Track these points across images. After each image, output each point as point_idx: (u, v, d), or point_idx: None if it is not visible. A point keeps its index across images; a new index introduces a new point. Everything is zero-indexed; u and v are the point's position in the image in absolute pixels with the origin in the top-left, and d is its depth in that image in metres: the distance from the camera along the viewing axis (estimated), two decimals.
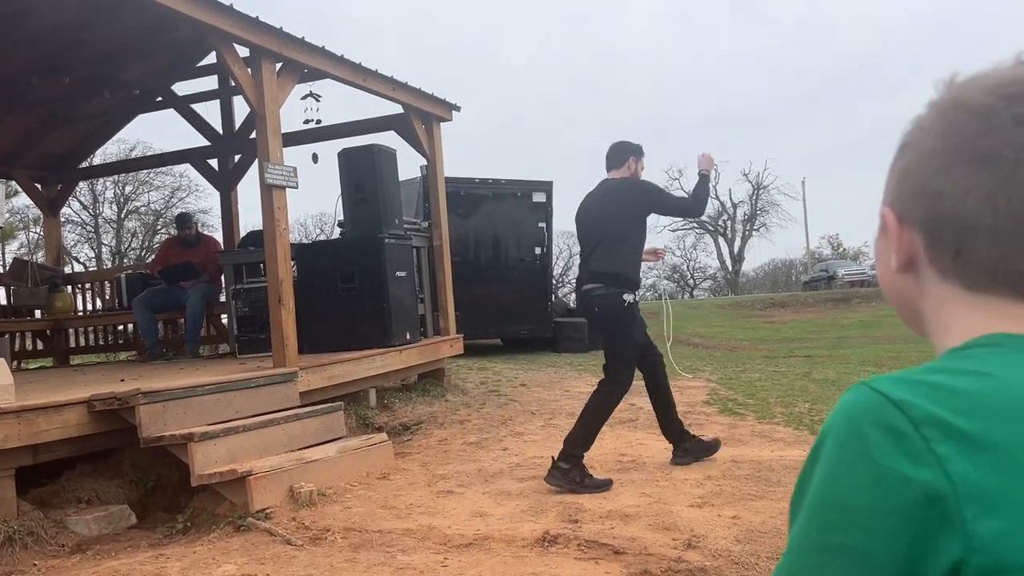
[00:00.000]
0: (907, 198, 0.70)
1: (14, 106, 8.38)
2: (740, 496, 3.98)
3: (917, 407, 0.59)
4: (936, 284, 0.69)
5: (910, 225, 0.70)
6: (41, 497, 4.11)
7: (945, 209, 0.66)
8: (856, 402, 0.62)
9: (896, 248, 0.71)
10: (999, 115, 0.65)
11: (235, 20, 5.24)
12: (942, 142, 0.67)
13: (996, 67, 0.68)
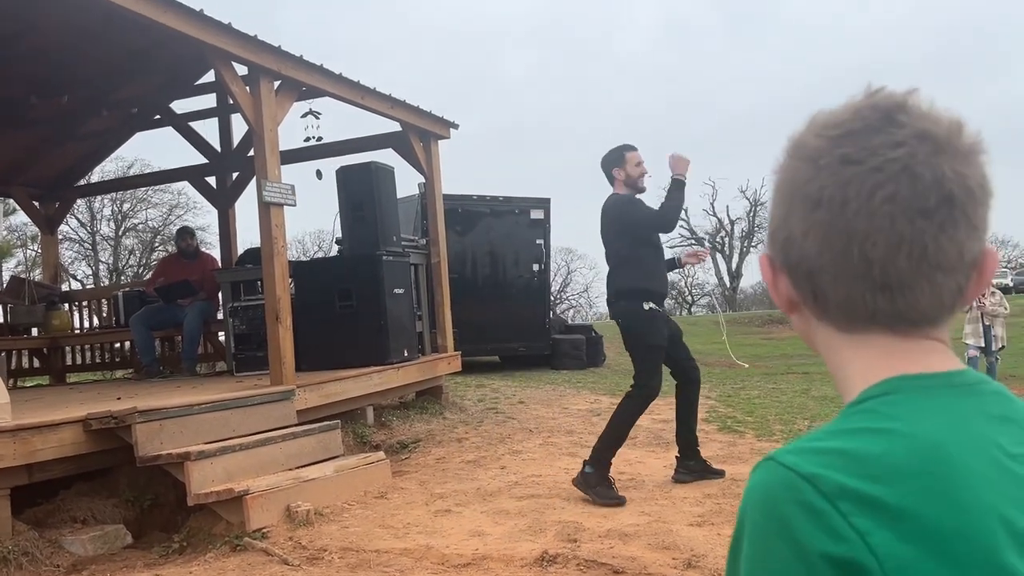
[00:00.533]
0: (770, 244, 0.71)
1: (12, 124, 8.39)
2: None
3: (828, 480, 0.58)
4: (818, 326, 0.70)
5: (780, 271, 0.70)
6: (36, 517, 4.08)
7: (793, 253, 0.67)
8: (769, 481, 0.61)
9: (774, 294, 0.72)
10: (825, 156, 0.65)
11: (233, 38, 5.26)
12: (784, 187, 0.68)
13: (839, 105, 0.69)
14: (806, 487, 0.58)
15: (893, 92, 0.67)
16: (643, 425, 6.80)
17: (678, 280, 48.81)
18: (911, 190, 0.62)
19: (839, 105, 0.68)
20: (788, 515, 0.58)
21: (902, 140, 0.63)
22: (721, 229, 46.83)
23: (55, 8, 5.92)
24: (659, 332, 4.68)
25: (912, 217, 0.62)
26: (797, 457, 0.60)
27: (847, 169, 0.64)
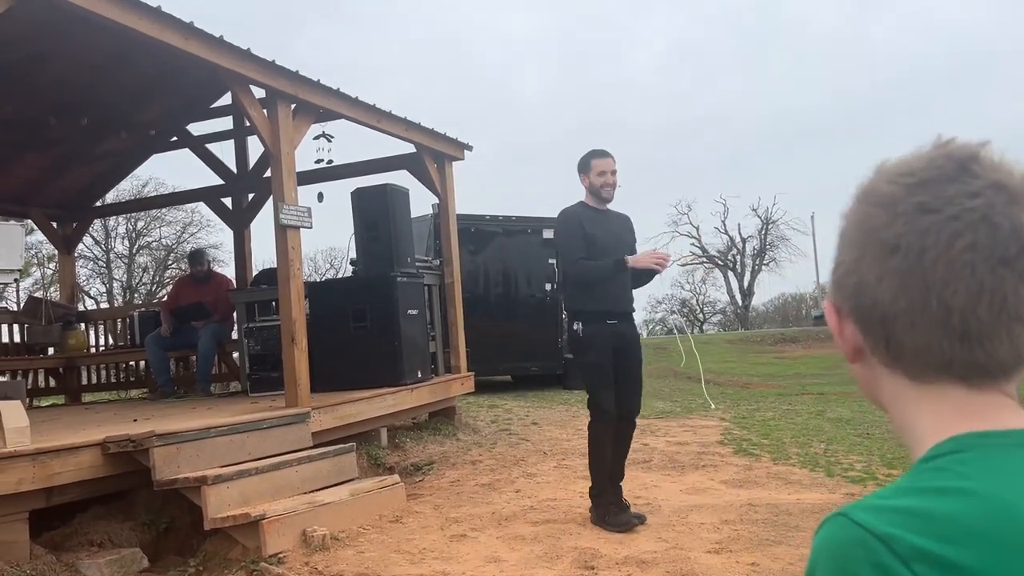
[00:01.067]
0: (838, 291, 0.71)
1: (32, 146, 8.49)
2: (758, 542, 3.93)
3: (903, 541, 0.58)
4: (885, 375, 0.69)
5: (847, 317, 0.70)
6: (54, 540, 4.08)
7: (866, 300, 0.67)
8: (841, 538, 0.60)
9: (840, 341, 0.72)
10: (901, 203, 0.65)
11: (252, 63, 5.32)
12: (856, 233, 0.69)
13: (909, 154, 0.70)
14: (880, 547, 0.58)
15: (966, 143, 0.68)
16: (658, 448, 6.77)
17: (689, 298, 48.73)
18: (991, 239, 0.63)
19: (909, 154, 0.69)
20: (861, 575, 0.58)
21: (978, 190, 0.64)
22: (732, 247, 46.69)
23: (79, 33, 6.00)
24: (595, 351, 4.47)
25: (993, 266, 0.63)
26: (870, 515, 0.60)
27: (925, 217, 0.64)
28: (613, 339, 4.48)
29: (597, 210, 4.61)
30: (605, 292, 4.48)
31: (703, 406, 10.12)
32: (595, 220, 4.57)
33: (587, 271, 4.46)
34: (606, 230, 4.56)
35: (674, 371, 17.41)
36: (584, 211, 4.62)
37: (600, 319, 4.48)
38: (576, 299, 4.57)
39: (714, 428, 7.92)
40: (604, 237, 4.52)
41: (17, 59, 6.74)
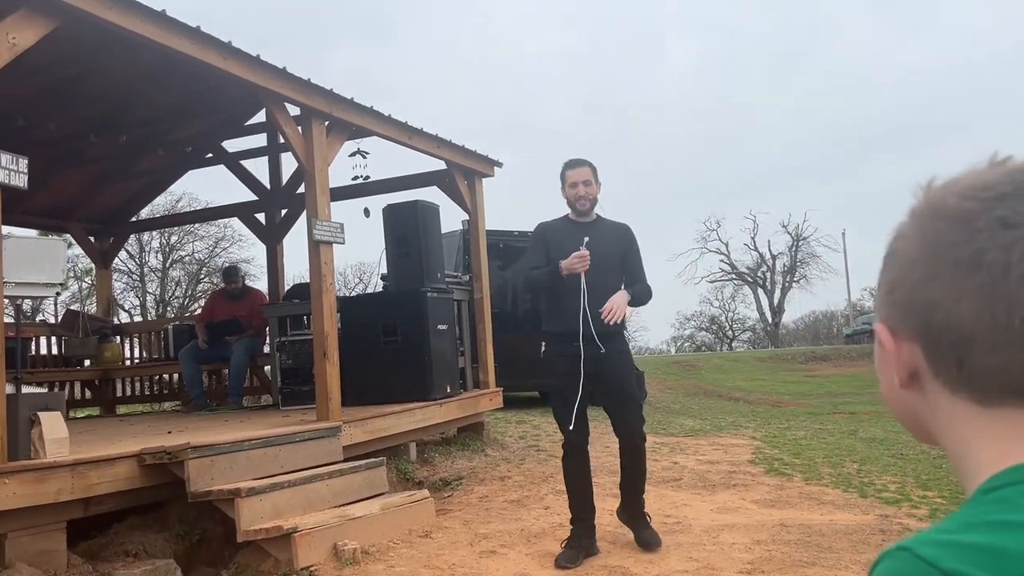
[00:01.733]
0: (898, 311, 0.67)
1: (72, 162, 8.69)
2: (791, 563, 3.89)
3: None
4: (946, 399, 0.65)
5: (906, 339, 0.66)
6: (90, 550, 4.15)
7: (939, 319, 0.63)
8: (905, 574, 0.57)
9: (896, 364, 0.68)
10: (980, 218, 0.62)
11: (288, 82, 5.41)
12: (923, 250, 0.65)
13: (970, 170, 0.66)
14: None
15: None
16: (688, 466, 6.73)
17: (719, 314, 48.36)
18: None
19: (973, 170, 0.66)
20: None
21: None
22: (763, 264, 46.36)
23: (118, 53, 6.15)
24: (557, 373, 4.22)
25: None
26: (936, 551, 0.57)
27: (1008, 232, 0.61)
28: (582, 363, 4.10)
29: (577, 223, 4.34)
30: (563, 312, 4.17)
31: (733, 424, 10.03)
32: (570, 233, 4.27)
33: (530, 281, 4.36)
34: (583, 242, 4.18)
35: (704, 389, 17.30)
36: (559, 224, 4.41)
37: (562, 341, 4.19)
38: (543, 318, 4.38)
39: (745, 447, 7.85)
40: (574, 248, 4.15)
41: (61, 78, 6.92)
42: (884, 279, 0.69)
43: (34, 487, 3.68)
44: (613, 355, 4.20)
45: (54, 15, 3.98)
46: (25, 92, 6.75)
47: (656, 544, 4.22)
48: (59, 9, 3.96)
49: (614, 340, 4.24)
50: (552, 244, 4.29)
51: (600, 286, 4.14)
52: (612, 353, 4.19)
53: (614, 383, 4.25)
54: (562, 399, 4.20)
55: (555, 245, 4.26)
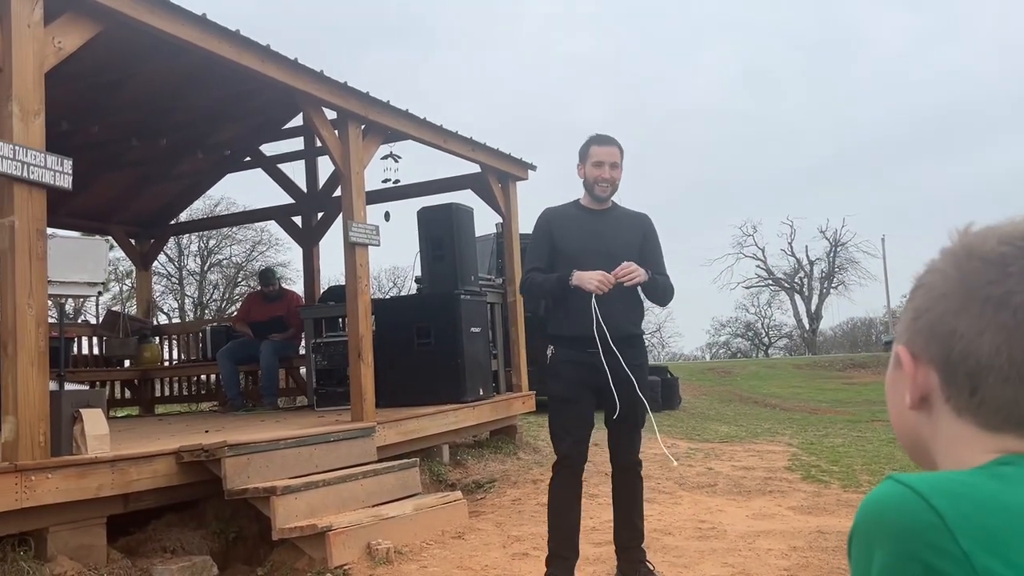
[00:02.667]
0: (921, 337, 0.73)
1: (114, 166, 8.87)
2: (828, 570, 3.82)
3: (941, 499, 0.63)
4: (951, 422, 0.71)
5: (925, 363, 0.72)
6: (129, 546, 4.22)
7: (959, 349, 0.69)
8: (882, 494, 0.67)
9: (911, 386, 0.73)
10: (1014, 264, 0.68)
11: (325, 85, 5.47)
12: (955, 285, 0.71)
13: (1010, 220, 0.73)
14: (919, 501, 0.64)
15: None
16: (723, 472, 6.66)
17: (755, 321, 47.83)
18: None
19: (1011, 220, 0.73)
20: (899, 523, 0.65)
21: None
22: (800, 270, 45.78)
23: (159, 58, 6.26)
24: (562, 382, 3.66)
25: None
26: (914, 478, 0.66)
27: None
28: (592, 372, 3.56)
29: (591, 211, 3.75)
30: (577, 313, 3.57)
31: (769, 431, 9.91)
32: (580, 223, 3.73)
33: (530, 287, 3.69)
34: (594, 235, 3.66)
35: (739, 395, 17.11)
36: (568, 211, 3.79)
37: (576, 345, 3.62)
38: (551, 320, 3.78)
39: (781, 453, 7.75)
40: (583, 244, 3.64)
41: (103, 82, 7.06)
42: (910, 306, 0.76)
43: (76, 482, 3.75)
44: (631, 367, 3.62)
45: (99, 19, 4.06)
46: (69, 97, 6.89)
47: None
48: (103, 13, 4.04)
49: (634, 348, 3.69)
50: (559, 237, 3.69)
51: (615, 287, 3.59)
52: (630, 365, 3.61)
53: (621, 397, 3.60)
54: (564, 412, 3.64)
55: (563, 237, 3.69)
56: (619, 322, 3.59)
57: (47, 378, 3.73)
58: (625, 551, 3.76)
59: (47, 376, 3.73)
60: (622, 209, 3.85)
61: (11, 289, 3.61)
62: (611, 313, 3.53)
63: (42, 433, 3.65)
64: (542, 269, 3.67)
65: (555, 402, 3.70)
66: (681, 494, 5.86)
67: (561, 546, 3.64)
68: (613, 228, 3.73)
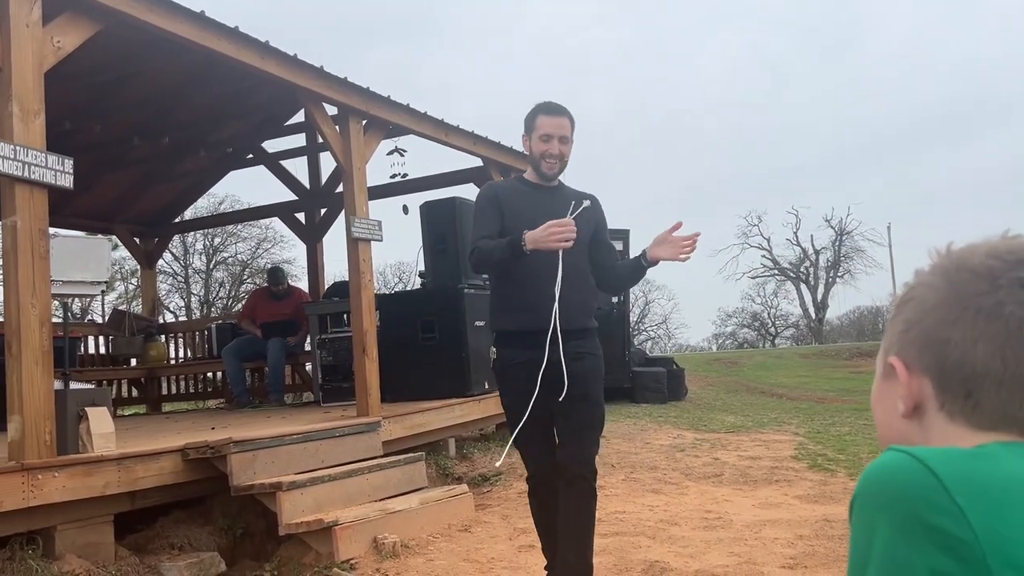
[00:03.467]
0: (914, 347, 0.76)
1: (117, 165, 8.89)
2: (834, 558, 3.82)
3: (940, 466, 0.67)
4: (944, 426, 0.75)
5: (919, 372, 0.75)
6: (137, 543, 4.23)
7: (953, 357, 0.73)
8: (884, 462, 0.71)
9: (905, 395, 0.76)
10: (1003, 276, 0.72)
11: (325, 81, 5.46)
12: (946, 297, 0.74)
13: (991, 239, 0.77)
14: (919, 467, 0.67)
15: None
16: (729, 462, 6.65)
17: (761, 311, 47.75)
18: None
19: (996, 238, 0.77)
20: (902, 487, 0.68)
21: None
22: (805, 259, 45.66)
23: (160, 56, 6.27)
24: (508, 389, 3.22)
25: None
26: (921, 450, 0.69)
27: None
28: (537, 369, 3.07)
29: (538, 187, 3.30)
30: (526, 301, 3.14)
31: (775, 420, 9.90)
32: (528, 198, 3.27)
33: (479, 256, 3.13)
34: (544, 212, 3.12)
35: (745, 385, 17.09)
36: (514, 186, 3.39)
37: (518, 343, 3.15)
38: (495, 313, 3.31)
39: (787, 443, 7.73)
40: (533, 221, 3.07)
41: (104, 82, 7.07)
42: (899, 319, 0.79)
43: (82, 480, 3.76)
44: (586, 359, 3.20)
45: (97, 18, 4.06)
46: (71, 96, 6.91)
47: None
48: (102, 12, 4.05)
49: (588, 338, 3.25)
50: (509, 212, 3.23)
51: (573, 268, 3.15)
52: (585, 356, 3.20)
53: (578, 395, 3.14)
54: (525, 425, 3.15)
55: (511, 213, 3.22)
56: (574, 314, 3.16)
57: (51, 377, 3.74)
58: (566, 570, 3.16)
59: (51, 375, 3.74)
60: (571, 190, 3.38)
61: (14, 289, 3.62)
62: (567, 303, 3.11)
63: (48, 432, 3.67)
64: (492, 238, 3.15)
65: (511, 414, 3.20)
66: (687, 484, 5.86)
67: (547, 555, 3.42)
68: (563, 207, 3.23)
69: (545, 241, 2.95)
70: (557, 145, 3.24)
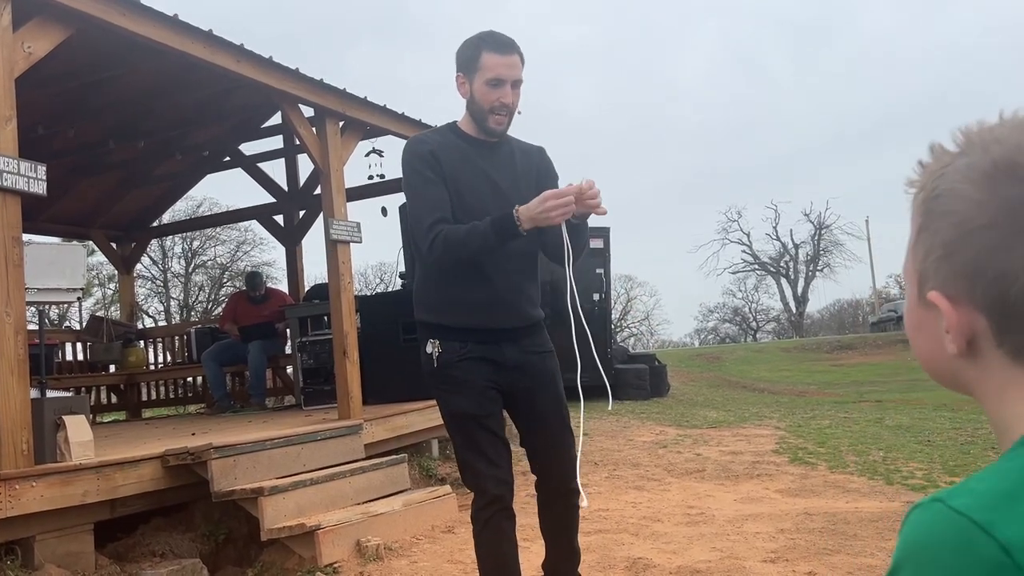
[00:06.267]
0: (961, 279, 0.63)
1: (93, 170, 8.80)
2: (815, 551, 3.85)
3: (1003, 527, 0.53)
4: (1005, 367, 0.63)
5: (967, 307, 0.63)
6: (118, 551, 4.20)
7: (1015, 291, 0.60)
8: (936, 527, 0.56)
9: (954, 333, 0.64)
10: None
11: (300, 82, 5.44)
12: (996, 216, 0.61)
13: None
14: (980, 534, 0.54)
15: None
16: (711, 457, 6.70)
17: (742, 306, 48.06)
18: None
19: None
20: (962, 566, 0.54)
21: None
22: (785, 253, 46.01)
23: (133, 60, 6.21)
24: (460, 391, 2.66)
25: None
26: (968, 499, 0.56)
27: None
28: (494, 370, 2.67)
29: (477, 142, 2.70)
30: (481, 289, 2.63)
31: (756, 415, 9.97)
32: (467, 159, 2.66)
33: (449, 248, 2.54)
34: (484, 177, 2.66)
35: (727, 380, 17.19)
36: (449, 141, 2.69)
37: (468, 337, 2.65)
38: (426, 302, 2.74)
39: (769, 437, 7.79)
40: (478, 185, 2.64)
41: (78, 86, 6.99)
42: (935, 241, 0.65)
43: (60, 489, 3.73)
44: (548, 358, 2.81)
45: (68, 23, 4.02)
46: (44, 101, 6.83)
47: None
48: (73, 16, 4.00)
49: (542, 332, 2.83)
50: (451, 176, 2.63)
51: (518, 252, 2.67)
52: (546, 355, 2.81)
53: (546, 398, 2.76)
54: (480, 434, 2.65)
55: (452, 179, 2.62)
56: (527, 308, 2.74)
57: (28, 386, 3.70)
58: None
59: (28, 384, 3.70)
60: (517, 142, 2.81)
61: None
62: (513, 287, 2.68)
63: (25, 441, 3.63)
64: (449, 220, 2.57)
65: (462, 421, 2.68)
66: (670, 480, 5.89)
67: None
68: (507, 168, 2.72)
69: (543, 218, 2.44)
70: (510, 93, 2.62)
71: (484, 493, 2.66)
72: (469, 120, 2.71)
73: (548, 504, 2.83)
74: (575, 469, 2.78)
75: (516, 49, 2.64)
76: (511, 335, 2.71)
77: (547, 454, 2.78)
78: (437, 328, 2.70)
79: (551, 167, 2.87)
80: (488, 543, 2.68)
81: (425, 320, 2.74)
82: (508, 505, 2.68)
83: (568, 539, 2.86)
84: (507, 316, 2.69)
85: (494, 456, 2.66)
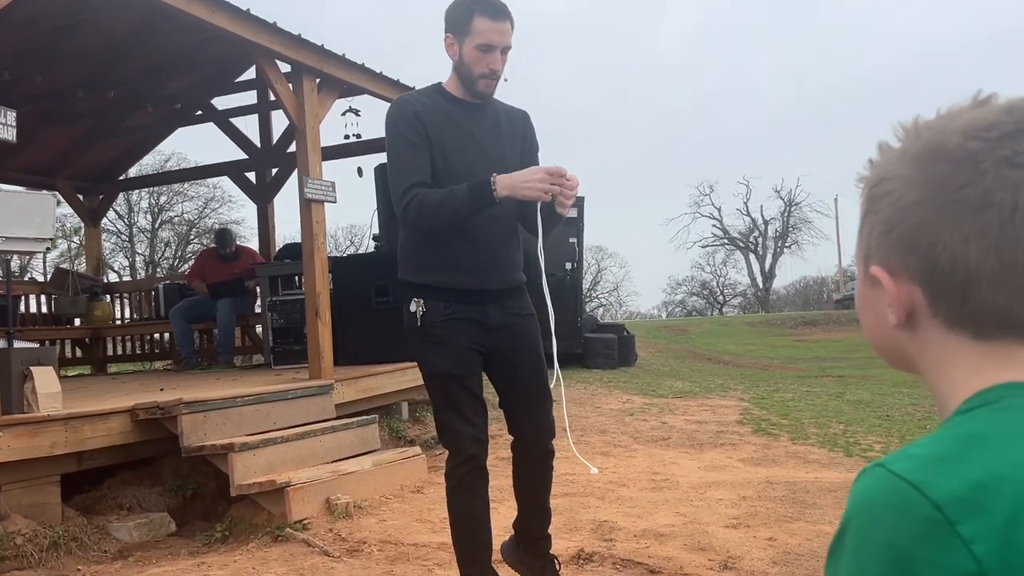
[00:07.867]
0: (898, 252, 0.67)
1: (60, 118, 8.59)
2: (776, 518, 3.96)
3: (937, 487, 0.56)
4: (941, 336, 0.67)
5: (906, 279, 0.67)
6: (84, 503, 4.19)
7: (944, 259, 0.64)
8: (877, 489, 0.59)
9: (895, 305, 0.68)
10: (985, 159, 0.62)
11: (278, 37, 5.35)
12: (926, 191, 0.65)
13: (961, 109, 0.67)
14: (915, 495, 0.57)
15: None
16: (676, 426, 6.81)
17: (710, 280, 48.52)
18: None
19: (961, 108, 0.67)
20: (892, 521, 0.58)
21: None
22: (755, 229, 46.43)
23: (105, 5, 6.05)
24: (441, 350, 2.67)
25: None
26: (906, 463, 0.59)
27: (1014, 172, 0.62)
28: (478, 331, 2.70)
29: (464, 104, 2.71)
30: (466, 251, 2.67)
31: (721, 387, 10.12)
32: (453, 119, 2.68)
33: (424, 211, 2.56)
34: (471, 140, 2.69)
35: (693, 352, 17.41)
36: (435, 103, 2.68)
37: (452, 298, 2.67)
38: (410, 262, 2.75)
39: (733, 408, 7.94)
40: (464, 147, 2.67)
41: (47, 31, 6.82)
42: (876, 217, 0.69)
43: (27, 440, 3.70)
44: (521, 320, 2.81)
45: None
46: (11, 45, 6.65)
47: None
48: None
49: (524, 296, 2.87)
50: (436, 139, 2.64)
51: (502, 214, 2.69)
52: (520, 318, 2.81)
53: (525, 359, 2.80)
54: (460, 393, 2.68)
55: (437, 142, 2.64)
56: (510, 270, 2.78)
57: None
58: (536, 541, 2.97)
59: None
60: (502, 105, 2.82)
61: None
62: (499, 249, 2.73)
63: None
64: (428, 184, 2.60)
65: (441, 380, 2.69)
66: (636, 447, 5.99)
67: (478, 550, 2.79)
68: (492, 130, 2.74)
69: (526, 188, 2.47)
70: (500, 59, 2.64)
71: (460, 451, 2.71)
72: (455, 81, 2.71)
73: (524, 464, 2.89)
74: (552, 431, 2.87)
75: (508, 15, 2.65)
76: (495, 296, 2.74)
77: (527, 415, 2.83)
78: (421, 288, 2.70)
79: (534, 137, 2.90)
80: (460, 500, 2.75)
81: (409, 280, 2.74)
82: (482, 464, 2.74)
83: (541, 499, 2.93)
84: (492, 278, 2.72)
85: (472, 415, 2.71)
